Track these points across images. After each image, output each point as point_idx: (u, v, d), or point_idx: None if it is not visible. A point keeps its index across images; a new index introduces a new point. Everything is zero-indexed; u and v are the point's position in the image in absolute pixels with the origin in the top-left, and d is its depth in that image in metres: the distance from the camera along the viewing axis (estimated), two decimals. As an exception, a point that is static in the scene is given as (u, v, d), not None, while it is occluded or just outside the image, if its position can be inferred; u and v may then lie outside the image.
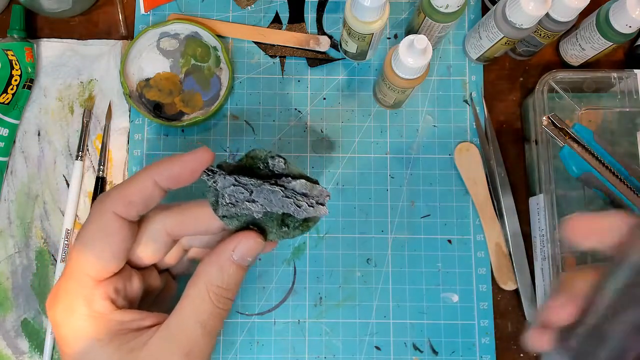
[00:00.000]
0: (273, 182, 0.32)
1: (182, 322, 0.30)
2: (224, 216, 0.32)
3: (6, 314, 0.44)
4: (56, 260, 0.45)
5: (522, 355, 0.45)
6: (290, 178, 0.32)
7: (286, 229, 0.33)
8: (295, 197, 0.32)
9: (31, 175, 0.46)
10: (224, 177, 0.31)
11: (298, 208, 0.32)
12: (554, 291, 0.27)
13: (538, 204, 0.44)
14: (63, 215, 0.45)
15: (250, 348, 0.44)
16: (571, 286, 0.26)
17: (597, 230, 0.25)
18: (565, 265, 0.44)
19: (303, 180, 0.32)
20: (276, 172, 0.33)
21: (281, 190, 0.32)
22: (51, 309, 0.31)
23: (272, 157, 0.33)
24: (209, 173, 0.31)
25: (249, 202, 0.31)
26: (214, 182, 0.31)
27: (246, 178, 0.31)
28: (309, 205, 0.32)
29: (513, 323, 0.45)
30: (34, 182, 0.46)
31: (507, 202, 0.46)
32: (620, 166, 0.38)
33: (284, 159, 0.33)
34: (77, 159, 0.46)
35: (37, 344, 0.44)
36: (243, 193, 0.31)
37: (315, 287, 0.45)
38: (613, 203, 0.39)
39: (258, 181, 0.32)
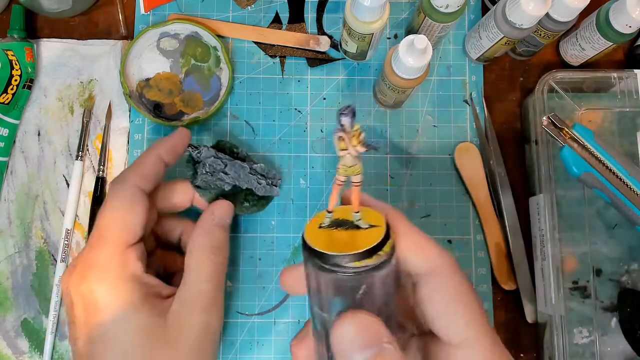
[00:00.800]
0: (241, 161, 0.41)
1: (192, 285, 0.34)
2: (198, 186, 0.39)
3: (6, 314, 0.44)
4: (56, 260, 0.45)
5: (522, 355, 0.45)
6: (252, 162, 0.42)
7: (247, 204, 0.41)
8: (257, 175, 0.41)
9: (31, 175, 0.46)
10: (207, 149, 0.40)
11: (259, 185, 0.41)
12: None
13: (538, 204, 0.44)
14: (63, 215, 0.45)
15: (250, 348, 0.44)
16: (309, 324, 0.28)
17: (297, 277, 0.27)
18: (565, 265, 0.44)
19: (262, 164, 0.42)
20: (240, 156, 0.43)
21: (248, 167, 0.41)
22: (83, 281, 0.32)
23: (236, 147, 0.43)
24: (193, 147, 0.39)
25: (223, 172, 0.39)
26: (198, 153, 0.39)
27: (222, 154, 0.40)
28: (267, 184, 0.41)
29: (513, 323, 0.45)
30: (34, 182, 0.46)
31: (507, 202, 0.46)
32: (620, 166, 0.38)
33: (245, 151, 0.43)
34: (77, 159, 0.46)
35: (37, 344, 0.44)
36: (220, 165, 0.39)
37: (315, 287, 0.45)
38: (613, 203, 0.39)
39: (231, 158, 0.41)
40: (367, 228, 0.25)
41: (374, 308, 0.24)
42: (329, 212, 0.27)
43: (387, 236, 0.24)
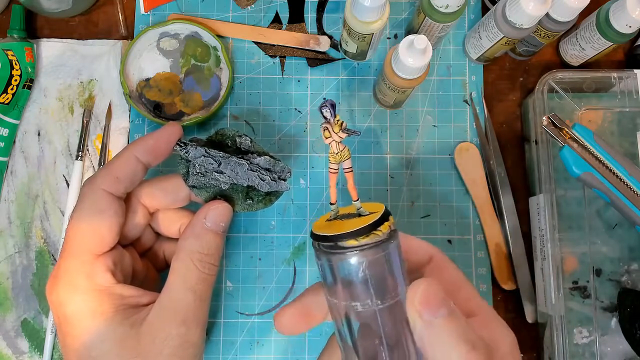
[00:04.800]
0: (240, 156, 0.36)
1: (173, 293, 0.32)
2: (193, 186, 0.35)
3: (6, 314, 0.44)
4: (56, 260, 0.45)
5: (522, 355, 0.45)
6: (255, 155, 0.36)
7: (250, 201, 0.37)
8: (259, 171, 0.36)
9: (31, 175, 0.46)
10: (195, 148, 0.35)
11: (262, 181, 0.36)
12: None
13: (538, 204, 0.44)
14: (63, 215, 0.45)
15: (250, 348, 0.44)
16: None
17: (292, 315, 0.28)
18: (565, 265, 0.44)
19: (267, 157, 0.36)
20: (243, 149, 0.37)
21: (247, 163, 0.35)
22: (53, 290, 0.31)
23: (240, 136, 0.37)
24: (181, 145, 0.35)
25: (217, 172, 0.35)
26: (186, 152, 0.34)
27: (215, 151, 0.35)
28: (271, 180, 0.36)
29: (513, 323, 0.45)
30: (34, 182, 0.46)
31: (507, 202, 0.46)
32: (620, 166, 0.38)
33: (250, 138, 0.37)
34: (77, 159, 0.46)
35: (37, 344, 0.44)
36: (212, 164, 0.35)
37: (315, 287, 0.45)
38: (613, 203, 0.39)
39: (226, 154, 0.35)
40: (368, 215, 0.26)
41: (386, 288, 0.25)
42: (332, 204, 0.28)
43: (384, 217, 0.25)
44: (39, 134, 0.47)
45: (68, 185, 0.46)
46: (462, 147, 0.47)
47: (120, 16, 0.48)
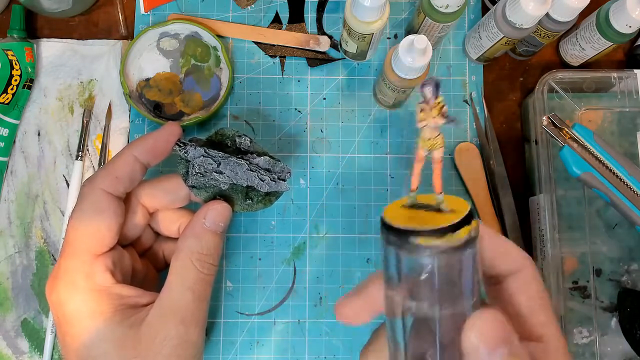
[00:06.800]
0: (239, 157, 0.36)
1: (172, 293, 0.32)
2: (192, 186, 0.35)
3: (6, 314, 0.44)
4: (56, 260, 0.45)
5: (522, 355, 0.45)
6: (255, 155, 0.36)
7: (250, 201, 0.37)
8: (259, 171, 0.36)
9: (31, 175, 0.46)
10: (195, 148, 0.35)
11: (261, 182, 0.36)
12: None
13: (538, 204, 0.44)
14: (63, 215, 0.45)
15: (250, 348, 0.44)
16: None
17: (358, 307, 0.26)
18: (565, 265, 0.44)
19: (267, 157, 0.36)
20: (242, 149, 0.37)
21: (246, 163, 0.35)
22: (53, 290, 0.31)
23: (239, 136, 0.37)
24: (181, 145, 0.35)
25: (216, 172, 0.35)
26: (185, 152, 0.34)
27: (215, 151, 0.35)
28: (271, 180, 0.36)
29: (513, 323, 0.45)
30: (34, 182, 0.46)
31: (507, 202, 0.46)
32: (620, 166, 0.38)
33: (250, 138, 0.37)
34: (77, 159, 0.46)
35: (37, 344, 0.44)
36: (211, 164, 0.35)
37: (315, 287, 0.45)
38: (613, 203, 0.39)
39: (225, 154, 0.35)
40: (448, 212, 0.24)
41: (459, 294, 0.23)
42: (412, 191, 0.26)
43: (465, 221, 0.22)
44: (39, 134, 0.47)
45: (68, 185, 0.46)
46: (462, 147, 0.47)
47: (120, 16, 0.48)
